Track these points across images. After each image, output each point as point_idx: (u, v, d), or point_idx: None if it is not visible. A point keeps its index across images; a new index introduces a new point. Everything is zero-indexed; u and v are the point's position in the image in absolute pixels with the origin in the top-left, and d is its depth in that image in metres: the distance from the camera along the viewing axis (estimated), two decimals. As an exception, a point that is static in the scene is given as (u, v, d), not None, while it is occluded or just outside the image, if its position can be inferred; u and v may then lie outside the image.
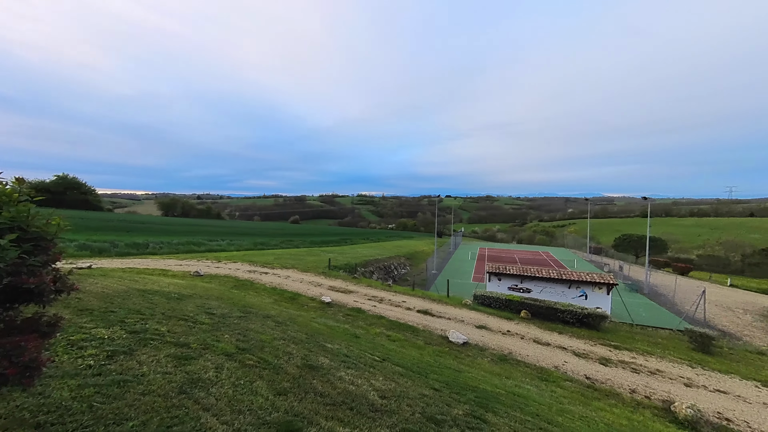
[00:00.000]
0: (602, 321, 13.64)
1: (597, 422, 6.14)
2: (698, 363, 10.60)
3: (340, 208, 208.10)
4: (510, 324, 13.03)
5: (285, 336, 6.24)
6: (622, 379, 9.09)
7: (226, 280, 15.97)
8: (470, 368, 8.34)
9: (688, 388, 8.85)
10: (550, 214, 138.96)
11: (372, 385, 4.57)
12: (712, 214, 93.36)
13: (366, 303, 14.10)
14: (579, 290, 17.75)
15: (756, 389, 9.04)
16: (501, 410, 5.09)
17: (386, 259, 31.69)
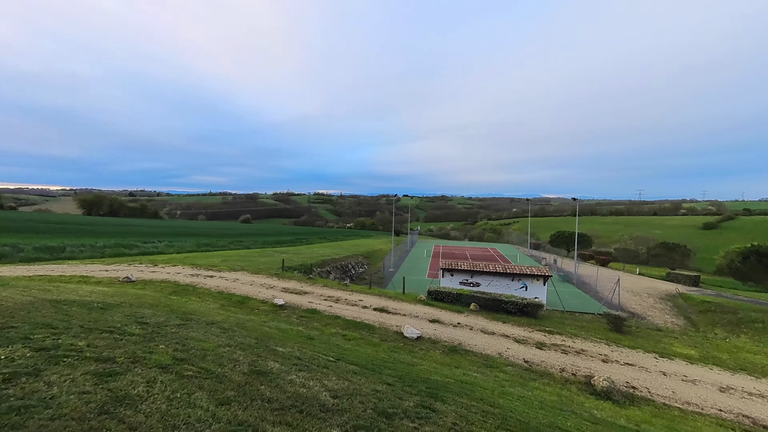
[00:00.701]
0: (539, 309, 15.13)
1: (532, 400, 6.81)
2: (613, 341, 12.32)
3: (296, 206, 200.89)
4: (460, 317, 13.80)
5: (231, 342, 5.87)
6: (554, 360, 10.19)
7: (164, 286, 14.49)
8: (423, 361, 8.67)
9: (605, 363, 10.24)
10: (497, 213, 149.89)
11: (324, 385, 4.52)
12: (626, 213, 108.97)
13: (322, 303, 13.85)
14: (521, 282, 19.45)
15: (654, 360, 10.81)
16: (449, 398, 5.38)
17: (344, 258, 31.42)
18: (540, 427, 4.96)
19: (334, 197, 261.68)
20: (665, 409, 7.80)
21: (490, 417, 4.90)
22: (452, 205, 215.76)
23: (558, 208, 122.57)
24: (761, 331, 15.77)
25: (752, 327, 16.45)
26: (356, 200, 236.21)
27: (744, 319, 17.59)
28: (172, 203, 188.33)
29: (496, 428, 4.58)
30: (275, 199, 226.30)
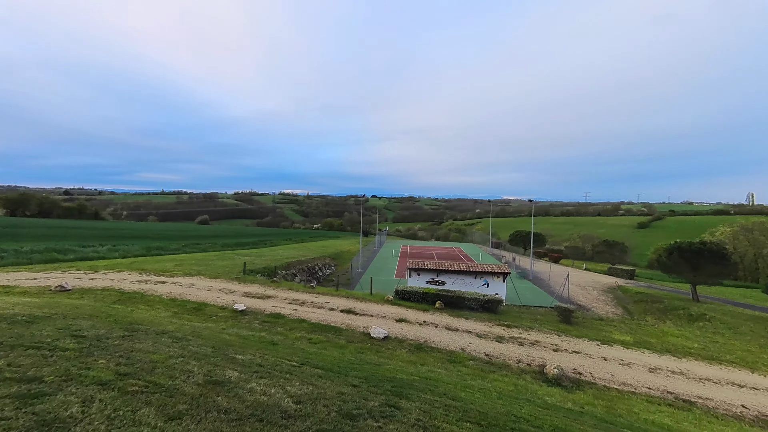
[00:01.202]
0: (499, 305, 16.01)
1: (491, 392, 7.19)
2: (563, 332, 13.40)
3: (259, 206, 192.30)
4: (426, 315, 14.16)
5: (184, 353, 5.49)
6: (511, 352, 10.85)
7: (106, 294, 13.13)
8: (389, 360, 8.76)
9: (556, 352, 11.11)
10: (462, 214, 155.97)
11: (287, 391, 4.40)
12: (575, 214, 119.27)
13: (286, 307, 13.42)
14: (482, 280, 20.41)
15: (597, 347, 11.94)
16: (414, 395, 5.51)
17: (310, 260, 30.72)
18: (497, 416, 5.25)
19: (301, 197, 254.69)
20: (605, 391, 8.65)
21: (452, 410, 5.10)
22: (420, 206, 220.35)
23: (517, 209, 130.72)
24: (682, 317, 18.11)
25: (675, 314, 18.83)
26: (324, 200, 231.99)
27: (669, 307, 20.06)
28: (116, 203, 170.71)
29: (458, 420, 4.77)
30: (237, 199, 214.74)
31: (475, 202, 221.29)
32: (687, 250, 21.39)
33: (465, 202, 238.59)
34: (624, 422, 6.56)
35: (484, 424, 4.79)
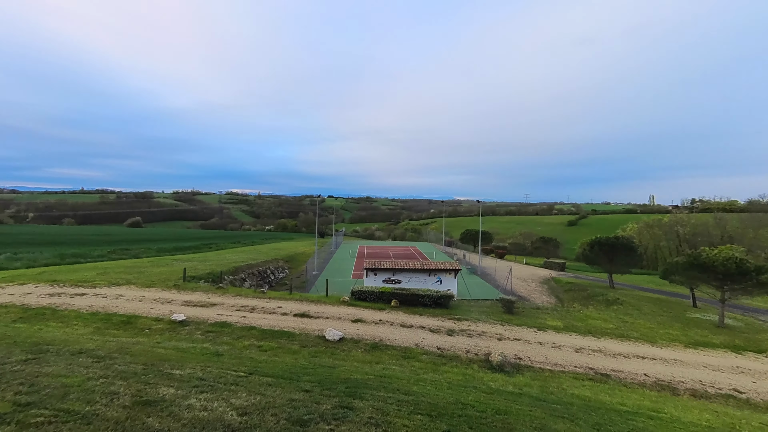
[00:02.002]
0: (450, 300, 16.86)
1: (442, 383, 7.55)
2: (506, 322, 14.60)
3: (203, 207, 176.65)
4: (382, 314, 14.34)
5: (108, 373, 4.85)
6: (461, 344, 11.50)
7: (4, 312, 11.00)
8: (345, 362, 8.71)
9: (500, 341, 12.06)
10: (417, 214, 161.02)
11: (231, 404, 4.14)
12: (517, 213, 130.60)
13: (234, 315, 12.56)
14: (436, 277, 21.30)
15: (534, 333, 13.23)
16: (367, 394, 5.56)
17: (262, 263, 29.12)
18: (446, 405, 5.54)
19: (251, 197, 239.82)
20: (540, 372, 9.64)
21: (404, 405, 5.25)
22: (377, 206, 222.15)
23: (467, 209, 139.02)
24: (601, 302, 20.89)
25: (596, 300, 21.66)
26: (277, 201, 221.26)
27: (591, 294, 22.99)
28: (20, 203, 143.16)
29: (409, 414, 4.93)
30: (176, 199, 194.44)
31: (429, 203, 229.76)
32: (604, 244, 24.80)
33: (420, 203, 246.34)
34: (554, 398, 7.37)
35: (434, 414, 5.02)
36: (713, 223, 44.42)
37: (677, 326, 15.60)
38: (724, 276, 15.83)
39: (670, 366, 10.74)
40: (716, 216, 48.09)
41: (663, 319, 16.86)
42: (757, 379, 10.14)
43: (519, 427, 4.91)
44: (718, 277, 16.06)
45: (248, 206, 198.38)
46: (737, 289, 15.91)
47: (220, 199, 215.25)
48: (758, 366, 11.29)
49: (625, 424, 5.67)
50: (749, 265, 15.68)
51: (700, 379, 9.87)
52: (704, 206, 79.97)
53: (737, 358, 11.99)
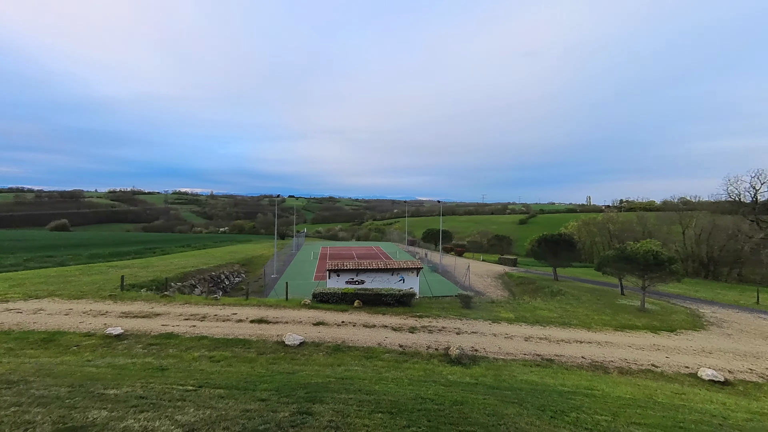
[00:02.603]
0: (412, 298, 17.24)
1: (403, 380, 7.69)
2: (464, 316, 15.32)
3: (146, 208, 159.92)
4: (345, 315, 14.20)
5: (21, 400, 4.20)
6: (423, 340, 11.82)
7: None
8: (305, 366, 8.48)
9: (458, 335, 12.61)
10: (381, 214, 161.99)
11: (176, 421, 3.82)
12: (474, 213, 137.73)
13: (181, 325, 11.57)
14: (399, 276, 21.64)
15: (489, 326, 14.06)
16: (328, 397, 5.47)
17: (214, 268, 27.19)
18: (407, 401, 5.66)
19: (203, 197, 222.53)
20: (494, 362, 10.27)
21: (365, 405, 5.26)
22: (340, 206, 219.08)
23: (429, 209, 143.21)
24: (547, 294, 22.85)
25: (543, 292, 23.63)
26: (232, 201, 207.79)
27: (539, 286, 25.04)
28: None
29: (370, 413, 4.95)
30: (113, 199, 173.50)
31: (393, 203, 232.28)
32: (549, 240, 27.18)
33: (384, 203, 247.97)
34: (506, 385, 7.90)
35: (395, 411, 5.09)
36: (636, 221, 50.98)
37: (608, 312, 17.63)
38: (645, 266, 18.25)
39: (602, 348, 12.09)
40: (639, 214, 55.30)
41: (597, 306, 18.93)
42: (669, 355, 11.83)
43: (474, 415, 5.18)
44: (640, 268, 18.47)
45: (199, 207, 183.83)
46: (655, 277, 18.43)
47: (167, 198, 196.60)
48: (670, 343, 13.18)
49: (565, 403, 6.26)
50: (663, 256, 18.26)
51: (625, 357, 11.25)
52: (630, 206, 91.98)
53: (654, 337, 13.88)
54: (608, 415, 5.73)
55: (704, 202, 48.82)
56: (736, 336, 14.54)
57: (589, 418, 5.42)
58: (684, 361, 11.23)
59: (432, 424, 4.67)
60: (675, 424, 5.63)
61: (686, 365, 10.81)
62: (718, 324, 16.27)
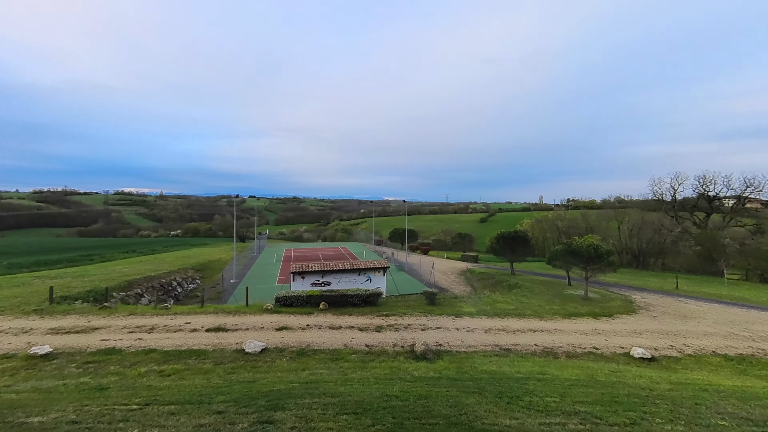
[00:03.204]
0: (378, 297, 17.33)
1: (370, 379, 7.71)
2: (429, 312, 15.74)
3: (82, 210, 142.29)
4: (310, 318, 13.87)
5: None
6: (389, 338, 11.93)
7: None
8: (267, 374, 8.14)
9: (423, 331, 12.92)
10: (348, 214, 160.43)
11: (116, 445, 3.45)
12: (439, 212, 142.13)
13: (125, 338, 10.48)
14: (366, 276, 21.61)
15: (452, 320, 14.60)
16: (291, 403, 5.30)
17: (165, 274, 25.03)
18: (372, 400, 5.68)
19: (151, 198, 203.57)
20: (457, 355, 10.69)
21: (329, 408, 5.18)
22: (305, 207, 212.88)
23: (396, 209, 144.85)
24: (505, 287, 24.30)
25: (502, 285, 25.08)
26: (185, 201, 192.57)
27: (498, 281, 26.53)
28: None
29: (335, 415, 4.89)
30: (39, 200, 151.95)
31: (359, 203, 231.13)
32: (507, 237, 28.94)
33: (350, 203, 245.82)
34: (468, 377, 8.27)
35: (360, 411, 5.09)
36: (581, 218, 56.17)
37: (558, 302, 19.21)
38: (588, 259, 20.18)
39: (552, 335, 13.15)
40: (583, 212, 61.01)
41: (549, 297, 20.54)
42: (608, 338, 13.20)
43: (437, 408, 5.35)
44: (584, 260, 20.39)
45: (147, 208, 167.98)
46: (596, 268, 20.45)
47: (107, 199, 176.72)
48: (609, 327, 14.71)
49: (520, 389, 6.71)
50: (603, 249, 20.33)
51: (572, 342, 12.35)
52: (575, 204, 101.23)
53: (596, 322, 15.40)
54: (557, 397, 6.25)
55: (635, 201, 55.26)
56: (660, 318, 16.64)
57: (540, 401, 5.86)
58: (619, 342, 12.61)
59: (397, 421, 4.74)
60: (612, 399, 6.29)
61: (621, 346, 12.14)
62: (647, 308, 18.49)
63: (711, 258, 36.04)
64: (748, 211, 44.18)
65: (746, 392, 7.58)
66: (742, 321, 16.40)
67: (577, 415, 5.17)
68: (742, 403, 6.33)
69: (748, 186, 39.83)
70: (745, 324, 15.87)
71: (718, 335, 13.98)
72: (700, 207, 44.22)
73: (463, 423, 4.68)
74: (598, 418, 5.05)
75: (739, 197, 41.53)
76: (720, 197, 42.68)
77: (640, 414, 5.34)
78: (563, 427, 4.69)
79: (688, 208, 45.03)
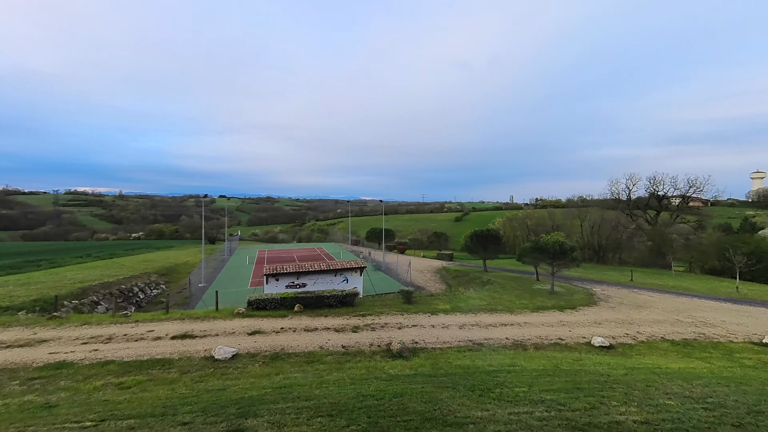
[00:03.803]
0: (355, 297, 17.25)
1: (346, 380, 7.65)
2: (405, 311, 15.91)
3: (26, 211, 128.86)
4: (284, 321, 13.53)
5: None
6: (366, 338, 11.91)
7: None
8: (238, 380, 7.83)
9: (400, 330, 13.04)
10: (324, 214, 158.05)
11: (65, 467, 3.17)
12: (416, 211, 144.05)
13: (78, 350, 9.65)
14: (342, 276, 21.42)
15: (428, 318, 14.87)
16: (263, 410, 5.14)
17: (125, 280, 23.33)
18: (347, 401, 5.64)
19: (109, 198, 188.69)
20: (432, 351, 10.89)
21: (303, 411, 5.08)
22: (280, 207, 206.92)
23: (373, 209, 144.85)
24: (478, 284, 25.10)
25: (475, 282, 25.88)
26: (148, 202, 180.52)
27: (471, 278, 27.34)
28: None
29: (309, 419, 4.81)
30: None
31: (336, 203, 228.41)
32: (480, 235, 29.93)
33: (327, 203, 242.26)
34: (442, 372, 8.45)
35: (335, 413, 5.04)
36: (548, 216, 59.33)
37: (527, 296, 20.16)
38: (554, 255, 21.35)
39: (522, 328, 13.78)
40: (549, 211, 64.54)
41: (519, 292, 21.50)
42: (571, 328, 14.05)
43: (412, 404, 5.42)
44: (550, 256, 21.55)
45: (104, 209, 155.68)
46: (561, 264, 21.70)
47: (57, 200, 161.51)
48: (572, 318, 15.66)
49: (491, 381, 6.96)
50: (567, 246, 21.59)
51: (539, 335, 13.01)
52: (543, 204, 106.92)
53: (561, 314, 16.33)
54: (525, 387, 6.55)
55: (596, 200, 59.28)
56: (617, 308, 17.97)
57: (510, 392, 6.12)
58: (582, 332, 13.46)
59: (372, 420, 4.74)
60: (574, 386, 6.70)
61: (583, 336, 12.97)
62: (606, 300, 19.89)
63: (661, 252, 39.48)
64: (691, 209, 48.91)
65: (689, 373, 8.39)
66: (686, 309, 18.10)
67: (543, 403, 5.45)
68: (686, 383, 6.99)
69: (691, 186, 44.12)
70: (688, 311, 17.54)
71: (666, 322, 15.33)
72: (651, 205, 48.30)
73: (436, 418, 4.77)
74: (562, 405, 5.35)
75: (683, 196, 45.85)
76: (668, 196, 46.88)
77: (598, 398, 5.73)
78: (530, 415, 4.93)
79: (641, 207, 49.02)
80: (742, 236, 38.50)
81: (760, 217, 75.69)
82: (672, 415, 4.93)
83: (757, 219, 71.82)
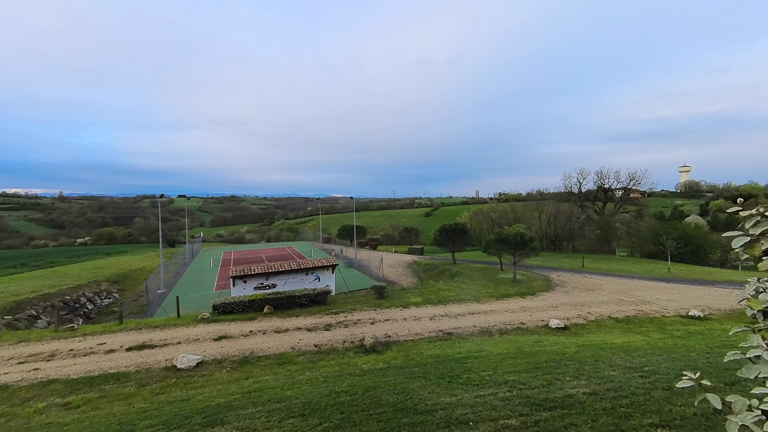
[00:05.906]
0: (327, 296, 17.11)
1: (318, 379, 7.63)
2: (378, 306, 16.09)
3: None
4: (253, 324, 13.09)
5: None
6: (338, 336, 11.90)
7: None
8: (203, 389, 7.49)
9: (372, 325, 13.16)
10: (294, 213, 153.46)
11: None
12: (387, 208, 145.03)
13: (13, 371, 8.63)
14: (314, 275, 21.08)
15: (400, 311, 15.16)
16: (231, 416, 5.00)
17: (69, 290, 21.12)
18: (320, 399, 5.64)
19: (46, 200, 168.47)
20: (404, 343, 11.16)
21: (275, 414, 5.01)
22: (246, 206, 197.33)
23: (344, 206, 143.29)
24: (447, 276, 25.98)
25: (444, 275, 26.76)
26: (95, 203, 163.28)
27: (441, 271, 28.22)
28: None
29: (280, 421, 4.75)
30: None
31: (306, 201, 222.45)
32: (448, 230, 30.93)
33: (296, 201, 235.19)
34: (414, 363, 8.71)
35: (307, 412, 5.02)
36: (510, 209, 62.70)
37: (492, 285, 21.26)
38: (515, 245, 22.68)
39: (488, 316, 14.54)
40: (511, 204, 68.21)
41: (485, 282, 22.60)
42: (532, 313, 15.08)
43: (385, 397, 5.55)
44: (512, 247, 22.88)
45: (42, 212, 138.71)
46: (522, 253, 23.12)
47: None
48: (532, 304, 16.80)
49: (460, 368, 7.32)
50: (527, 236, 23.03)
51: (504, 321, 13.82)
52: (505, 197, 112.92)
53: (523, 300, 17.45)
54: (490, 370, 6.97)
55: (552, 193, 63.73)
56: (571, 292, 19.55)
57: (476, 376, 6.48)
58: (541, 316, 14.51)
59: (344, 416, 4.80)
60: (534, 366, 7.25)
61: (542, 319, 13.99)
62: (561, 285, 21.54)
63: (607, 239, 43.45)
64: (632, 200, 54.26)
65: (630, 346, 9.40)
66: (628, 289, 20.15)
67: (506, 384, 5.85)
68: (627, 355, 7.85)
69: (631, 179, 48.89)
70: (630, 291, 19.55)
71: (611, 303, 16.98)
72: (598, 197, 52.85)
73: (408, 408, 4.94)
74: (523, 384, 5.78)
75: (625, 189, 50.70)
76: (612, 189, 51.58)
77: (554, 375, 6.26)
78: (494, 396, 5.27)
79: (591, 199, 53.46)
80: (672, 223, 43.50)
81: (687, 206, 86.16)
82: (615, 384, 5.53)
83: (685, 207, 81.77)
